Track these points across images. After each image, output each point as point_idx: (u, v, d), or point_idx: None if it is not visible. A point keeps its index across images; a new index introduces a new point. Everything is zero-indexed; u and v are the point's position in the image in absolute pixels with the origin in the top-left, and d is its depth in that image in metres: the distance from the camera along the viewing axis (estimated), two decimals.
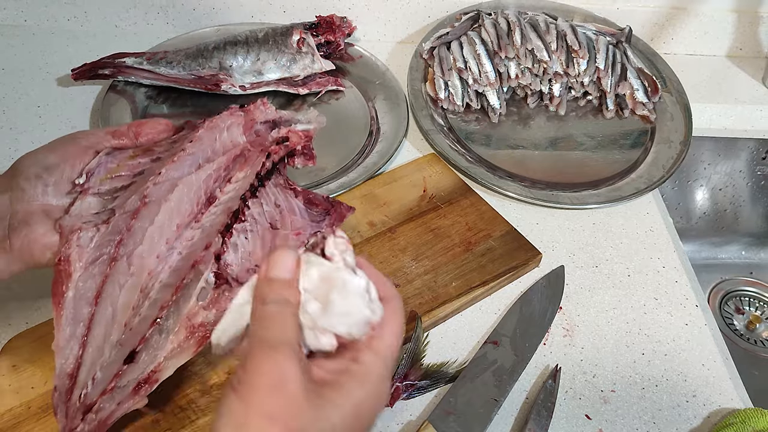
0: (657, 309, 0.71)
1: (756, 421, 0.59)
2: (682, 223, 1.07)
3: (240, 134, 0.61)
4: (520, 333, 0.66)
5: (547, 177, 0.84)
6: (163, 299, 0.51)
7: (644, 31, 1.07)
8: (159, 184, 0.55)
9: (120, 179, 0.56)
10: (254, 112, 0.62)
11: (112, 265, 0.51)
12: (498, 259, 0.71)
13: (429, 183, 0.80)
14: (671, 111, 0.94)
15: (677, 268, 0.75)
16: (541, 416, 0.60)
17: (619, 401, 0.63)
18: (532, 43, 0.91)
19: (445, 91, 0.90)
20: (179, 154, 0.56)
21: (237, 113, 0.62)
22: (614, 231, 0.79)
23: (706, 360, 0.67)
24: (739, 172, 1.05)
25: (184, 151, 0.57)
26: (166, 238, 0.53)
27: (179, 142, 0.59)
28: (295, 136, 0.62)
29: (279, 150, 0.61)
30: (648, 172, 0.85)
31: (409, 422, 0.59)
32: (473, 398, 0.60)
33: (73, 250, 0.51)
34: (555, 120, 0.92)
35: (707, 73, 1.08)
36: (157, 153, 0.58)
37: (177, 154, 0.56)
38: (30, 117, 0.85)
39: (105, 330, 0.50)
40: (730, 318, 1.03)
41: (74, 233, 0.52)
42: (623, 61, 0.95)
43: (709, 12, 1.07)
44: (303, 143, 0.62)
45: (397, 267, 0.70)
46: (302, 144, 0.62)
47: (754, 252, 1.10)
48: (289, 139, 0.62)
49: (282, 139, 0.61)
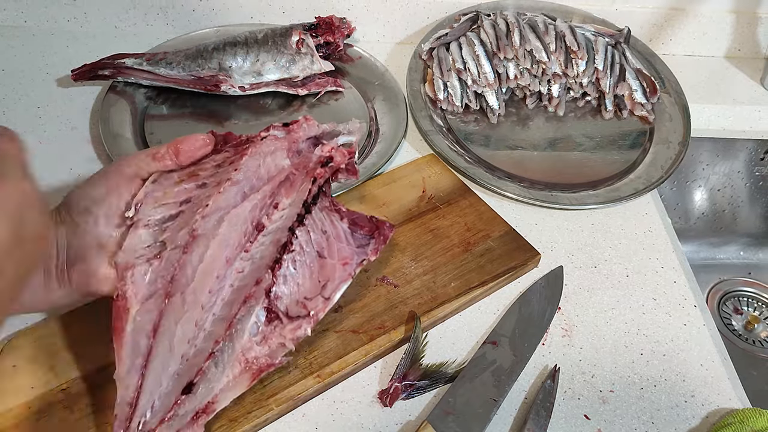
0: (656, 309, 0.71)
1: (754, 421, 0.59)
2: (681, 223, 1.07)
3: (284, 158, 0.61)
4: (519, 333, 0.66)
5: (545, 177, 0.84)
6: (217, 333, 0.53)
7: (643, 32, 1.07)
8: (207, 217, 0.56)
9: (167, 207, 0.57)
10: (297, 132, 0.62)
11: (167, 301, 0.53)
12: (497, 259, 0.72)
13: (428, 183, 0.80)
14: (670, 112, 0.94)
15: (676, 269, 0.75)
16: (540, 416, 0.60)
17: (617, 401, 0.63)
18: (530, 44, 0.92)
19: (444, 92, 0.91)
20: (225, 185, 0.57)
21: (280, 136, 0.61)
22: (613, 231, 0.79)
23: (704, 360, 0.67)
24: (737, 173, 1.05)
25: (229, 180, 0.57)
26: (216, 272, 0.55)
27: (224, 167, 0.59)
28: (339, 155, 0.62)
29: (324, 173, 0.62)
30: (647, 173, 0.85)
31: (408, 422, 0.59)
32: (472, 398, 0.60)
33: (129, 287, 0.54)
34: (554, 121, 0.93)
35: (706, 74, 1.08)
36: (203, 178, 0.59)
37: (223, 185, 0.57)
38: (30, 118, 0.85)
39: (163, 362, 0.52)
40: (729, 318, 1.03)
41: (129, 270, 0.54)
42: (622, 62, 0.95)
43: (707, 13, 1.07)
44: (347, 161, 0.63)
45: (396, 267, 0.70)
46: (346, 162, 0.63)
47: (752, 252, 1.10)
48: (333, 159, 0.62)
49: (326, 159, 0.62)
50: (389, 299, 0.67)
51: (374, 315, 0.65)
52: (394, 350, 0.64)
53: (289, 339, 0.54)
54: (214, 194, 0.57)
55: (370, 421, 0.59)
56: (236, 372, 0.53)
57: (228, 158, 0.60)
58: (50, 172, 0.78)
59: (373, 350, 0.62)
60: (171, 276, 0.54)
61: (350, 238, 0.61)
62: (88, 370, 0.59)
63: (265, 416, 0.57)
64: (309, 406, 0.60)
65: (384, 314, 0.65)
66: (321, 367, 0.60)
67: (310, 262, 0.58)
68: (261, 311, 0.54)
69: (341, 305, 0.65)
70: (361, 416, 0.59)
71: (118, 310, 0.53)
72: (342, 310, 0.65)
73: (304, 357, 0.61)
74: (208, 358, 0.52)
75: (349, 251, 0.60)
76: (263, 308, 0.54)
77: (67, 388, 0.57)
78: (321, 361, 0.61)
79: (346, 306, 0.65)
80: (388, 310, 0.66)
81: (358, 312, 0.65)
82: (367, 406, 0.60)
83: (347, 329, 0.64)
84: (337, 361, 0.61)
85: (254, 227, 0.57)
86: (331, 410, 0.60)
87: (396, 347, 0.64)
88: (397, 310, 0.66)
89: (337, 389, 0.61)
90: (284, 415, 0.59)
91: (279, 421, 0.58)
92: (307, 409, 0.60)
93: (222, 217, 0.56)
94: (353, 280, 0.59)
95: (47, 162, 0.79)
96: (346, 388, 0.61)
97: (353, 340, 0.63)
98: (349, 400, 0.60)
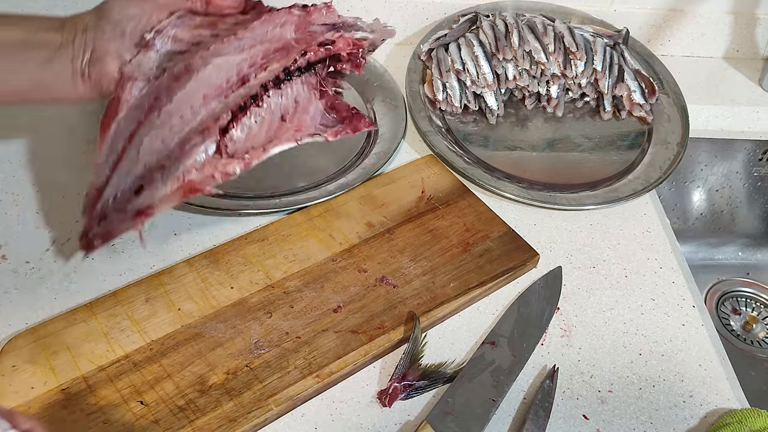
0: (654, 310, 0.71)
1: (753, 421, 0.60)
2: (679, 224, 1.07)
3: (291, 31, 0.65)
4: (517, 333, 0.66)
5: (544, 178, 0.84)
6: (174, 152, 0.61)
7: (641, 33, 1.08)
8: (203, 58, 0.61)
9: (180, 44, 0.63)
10: (313, 14, 0.66)
11: (146, 115, 0.60)
12: (496, 259, 0.72)
13: (427, 184, 0.80)
14: (668, 112, 0.94)
15: (674, 269, 0.76)
16: (538, 416, 0.60)
17: (616, 401, 0.63)
18: (529, 45, 0.92)
19: (443, 93, 0.91)
20: (230, 38, 0.62)
21: (296, 14, 0.65)
22: (611, 232, 0.79)
23: (703, 360, 0.67)
24: (735, 174, 1.05)
25: (235, 35, 0.62)
26: (191, 103, 0.61)
27: (240, 26, 0.64)
28: (342, 41, 0.66)
29: (318, 51, 0.65)
30: (645, 174, 0.86)
31: (407, 422, 0.60)
32: (471, 398, 0.60)
33: (125, 93, 0.60)
34: (552, 121, 0.93)
35: (704, 75, 1.08)
36: (218, 29, 0.64)
37: (228, 37, 0.62)
38: (30, 118, 0.85)
39: (129, 165, 0.61)
40: (727, 318, 1.03)
41: (130, 81, 0.60)
42: (620, 62, 0.95)
43: (706, 14, 1.07)
44: (349, 50, 0.67)
45: (395, 268, 0.70)
46: (348, 51, 0.67)
47: (750, 253, 1.10)
48: (334, 43, 0.66)
49: (327, 41, 0.65)
50: (388, 299, 0.67)
51: (373, 315, 0.65)
52: (394, 350, 0.65)
53: (218, 172, 0.61)
54: (218, 42, 0.62)
55: (369, 421, 0.59)
56: (173, 187, 0.60)
57: (246, 20, 0.64)
58: (50, 172, 0.78)
59: (373, 350, 0.62)
60: (156, 96, 0.61)
61: (318, 116, 0.66)
62: (88, 370, 0.59)
63: (264, 416, 0.57)
64: (308, 407, 0.60)
65: (383, 314, 0.65)
66: (320, 368, 0.60)
67: (270, 120, 0.64)
68: (211, 145, 0.61)
69: (341, 305, 0.65)
70: (360, 416, 0.60)
71: (109, 108, 0.60)
72: (341, 311, 0.65)
73: (303, 357, 0.61)
74: (159, 170, 0.60)
75: (309, 123, 0.65)
76: (214, 143, 0.61)
77: (67, 389, 0.58)
78: (320, 361, 0.61)
79: (345, 306, 0.66)
80: (387, 310, 0.66)
81: (357, 312, 0.65)
82: (366, 406, 0.60)
83: (346, 329, 0.64)
84: (336, 361, 0.61)
85: (239, 78, 0.62)
86: (330, 410, 0.60)
87: (395, 347, 0.65)
88: (396, 311, 0.66)
89: (336, 389, 0.61)
90: (284, 416, 0.59)
91: (278, 421, 0.59)
92: (307, 409, 0.60)
93: (213, 60, 0.62)
94: (298, 145, 0.64)
95: (47, 162, 0.79)
96: (345, 389, 0.61)
97: (352, 341, 0.63)
98: (349, 400, 0.61)
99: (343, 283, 0.68)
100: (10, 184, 0.76)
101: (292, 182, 0.80)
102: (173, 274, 0.68)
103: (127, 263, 0.69)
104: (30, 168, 0.78)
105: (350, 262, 0.70)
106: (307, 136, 0.65)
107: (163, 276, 0.67)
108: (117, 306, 0.64)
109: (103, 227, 0.60)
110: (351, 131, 0.66)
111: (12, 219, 0.73)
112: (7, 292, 0.66)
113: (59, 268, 0.69)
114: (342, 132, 0.66)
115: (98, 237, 0.60)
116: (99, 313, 0.63)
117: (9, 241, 0.71)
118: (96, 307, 0.64)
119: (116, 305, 0.64)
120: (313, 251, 0.71)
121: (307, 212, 0.75)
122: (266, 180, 0.79)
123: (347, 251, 0.71)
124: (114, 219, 0.60)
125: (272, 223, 0.74)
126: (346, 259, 0.70)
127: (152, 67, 0.61)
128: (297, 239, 0.72)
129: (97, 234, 0.60)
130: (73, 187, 0.77)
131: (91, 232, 0.60)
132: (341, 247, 0.72)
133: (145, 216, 0.59)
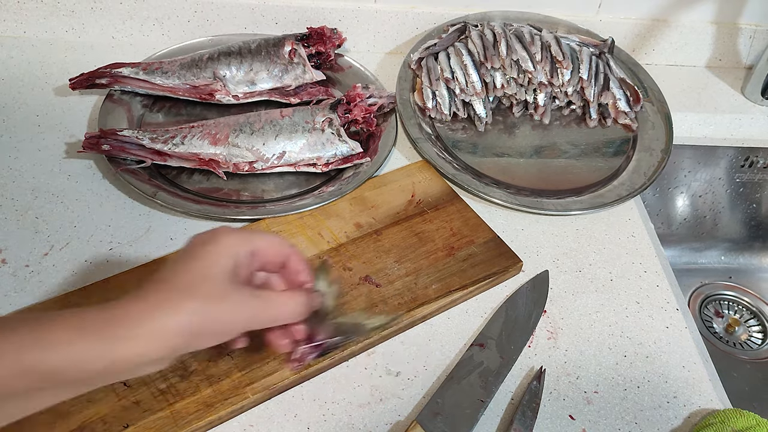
0: (639, 312, 0.72)
1: (735, 421, 0.61)
2: (663, 228, 1.08)
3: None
4: (505, 336, 0.67)
5: (531, 184, 0.86)
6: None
7: (626, 43, 1.09)
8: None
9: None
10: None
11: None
12: (479, 264, 0.73)
13: (417, 188, 0.81)
14: (652, 120, 0.96)
15: (658, 273, 0.77)
16: (526, 417, 0.61)
17: (601, 402, 0.64)
18: (517, 54, 0.93)
19: (432, 101, 0.92)
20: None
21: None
22: (597, 237, 0.81)
23: (686, 362, 0.68)
24: (718, 180, 1.06)
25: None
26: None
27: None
28: (357, 109, 0.85)
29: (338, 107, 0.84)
30: (630, 180, 0.87)
31: (397, 422, 0.61)
32: (460, 399, 0.61)
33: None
34: (539, 129, 0.94)
35: (688, 83, 1.10)
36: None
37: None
38: (29, 126, 0.86)
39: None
40: (710, 321, 1.04)
41: None
42: (606, 71, 0.96)
43: (689, 23, 1.09)
44: (363, 115, 0.85)
45: (379, 267, 0.71)
46: (363, 116, 0.85)
47: (733, 257, 1.11)
48: (351, 111, 0.84)
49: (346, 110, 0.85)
50: (370, 298, 0.68)
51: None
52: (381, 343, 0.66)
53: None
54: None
55: (360, 421, 0.60)
56: (192, 151, 0.79)
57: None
58: (48, 180, 0.79)
59: (350, 345, 0.64)
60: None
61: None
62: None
63: (240, 403, 0.59)
64: (300, 407, 0.61)
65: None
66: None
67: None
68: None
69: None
70: (351, 416, 0.61)
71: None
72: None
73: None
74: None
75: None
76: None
77: None
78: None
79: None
80: (367, 308, 0.67)
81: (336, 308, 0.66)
82: (357, 406, 0.61)
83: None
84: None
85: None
86: (322, 411, 0.61)
87: (379, 342, 0.66)
88: (376, 309, 0.67)
89: (328, 390, 0.62)
90: (276, 416, 0.60)
91: (270, 420, 0.60)
92: (299, 409, 0.61)
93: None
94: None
95: (45, 170, 0.80)
96: (337, 389, 0.62)
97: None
98: (340, 401, 0.62)
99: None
100: (10, 190, 0.77)
101: (285, 189, 0.81)
102: None
103: (125, 267, 0.70)
104: (29, 174, 0.79)
105: (336, 260, 0.72)
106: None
107: None
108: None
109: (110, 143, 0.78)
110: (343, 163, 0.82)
111: (11, 224, 0.74)
112: (6, 295, 0.67)
113: (58, 271, 0.70)
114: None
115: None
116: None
117: (9, 245, 0.72)
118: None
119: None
120: (301, 248, 0.72)
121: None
122: (261, 186, 0.81)
123: (334, 249, 0.73)
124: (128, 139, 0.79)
125: (264, 220, 0.75)
126: (333, 257, 0.72)
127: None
128: (287, 236, 0.73)
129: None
130: (71, 192, 0.78)
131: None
132: (329, 246, 0.73)
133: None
